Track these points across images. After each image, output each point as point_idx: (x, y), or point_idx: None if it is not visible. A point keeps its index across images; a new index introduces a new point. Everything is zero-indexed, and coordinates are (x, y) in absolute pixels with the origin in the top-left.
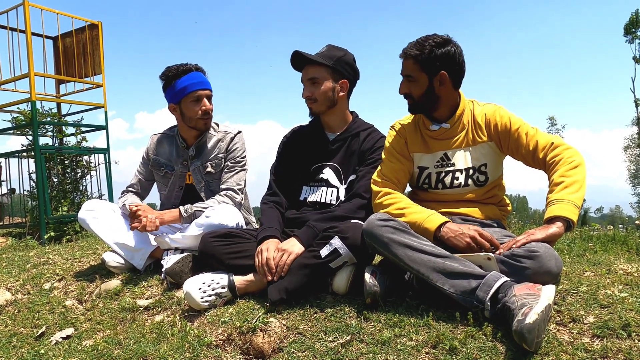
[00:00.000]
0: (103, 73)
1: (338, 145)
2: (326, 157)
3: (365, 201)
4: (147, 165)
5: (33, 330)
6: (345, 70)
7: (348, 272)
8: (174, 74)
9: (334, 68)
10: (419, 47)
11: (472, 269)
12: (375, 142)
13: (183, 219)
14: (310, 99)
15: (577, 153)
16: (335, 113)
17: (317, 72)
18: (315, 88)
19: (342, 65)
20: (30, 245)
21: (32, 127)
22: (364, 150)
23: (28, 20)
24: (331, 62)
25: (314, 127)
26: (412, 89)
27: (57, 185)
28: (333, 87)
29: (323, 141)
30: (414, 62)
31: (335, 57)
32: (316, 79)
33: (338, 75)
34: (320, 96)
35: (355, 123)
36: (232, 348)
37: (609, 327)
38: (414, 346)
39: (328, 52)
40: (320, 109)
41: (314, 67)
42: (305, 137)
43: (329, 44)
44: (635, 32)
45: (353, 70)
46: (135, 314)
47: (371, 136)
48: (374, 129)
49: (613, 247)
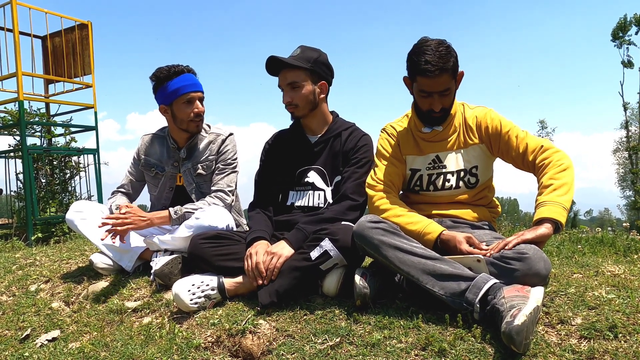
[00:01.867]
0: (93, 73)
1: (321, 147)
2: (310, 160)
3: (354, 202)
4: (137, 166)
5: (18, 332)
6: (322, 72)
7: (338, 274)
8: (165, 75)
9: (312, 70)
10: (446, 58)
11: (462, 271)
12: (357, 141)
13: (172, 221)
14: (291, 104)
15: (565, 156)
16: (316, 115)
17: (296, 76)
18: (296, 93)
19: (319, 67)
20: (17, 247)
21: (19, 127)
22: (347, 150)
23: (16, 19)
24: (309, 65)
25: (295, 130)
26: (447, 101)
27: (45, 186)
28: (313, 89)
29: (305, 144)
30: (448, 74)
31: (312, 59)
32: (296, 83)
33: (317, 77)
34: (301, 100)
35: (336, 123)
36: (221, 350)
37: (596, 328)
38: (404, 348)
39: (304, 55)
40: (303, 113)
41: (292, 71)
42: (287, 141)
43: (301, 45)
44: (623, 37)
45: (330, 70)
46: (123, 316)
47: (353, 135)
48: (355, 128)
49: (601, 249)
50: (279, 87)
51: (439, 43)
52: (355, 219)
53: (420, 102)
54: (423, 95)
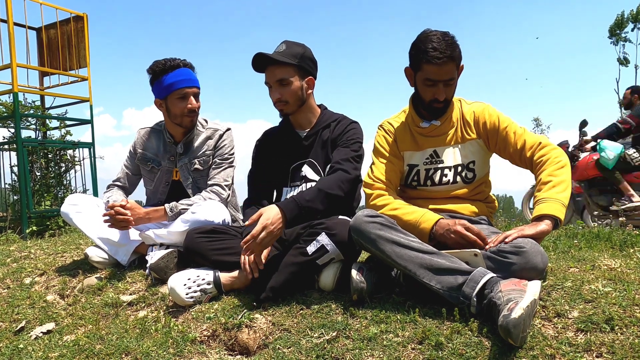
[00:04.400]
0: (88, 66)
1: (311, 140)
2: (301, 155)
3: (344, 174)
4: (133, 160)
5: (12, 324)
6: (309, 67)
7: (335, 269)
8: (161, 69)
9: (300, 66)
10: (452, 47)
11: (459, 265)
12: (345, 127)
13: (168, 218)
14: (280, 101)
15: (563, 153)
16: (305, 111)
17: (284, 72)
18: (284, 89)
19: (306, 62)
20: (11, 240)
21: (14, 119)
22: (335, 136)
23: (10, 10)
24: (296, 61)
25: (284, 127)
26: (450, 91)
27: (40, 179)
28: (301, 85)
29: (296, 140)
30: (454, 64)
31: (298, 55)
32: (285, 80)
33: (304, 73)
34: (290, 97)
35: (324, 116)
36: (217, 344)
37: (592, 321)
38: (400, 342)
39: (290, 50)
40: (292, 109)
41: (280, 67)
42: (277, 139)
43: (285, 40)
44: (620, 34)
45: (315, 65)
46: (119, 309)
47: (341, 123)
48: (344, 117)
49: (597, 244)
50: (266, 84)
51: (444, 33)
52: (346, 193)
53: (423, 92)
54: (428, 84)
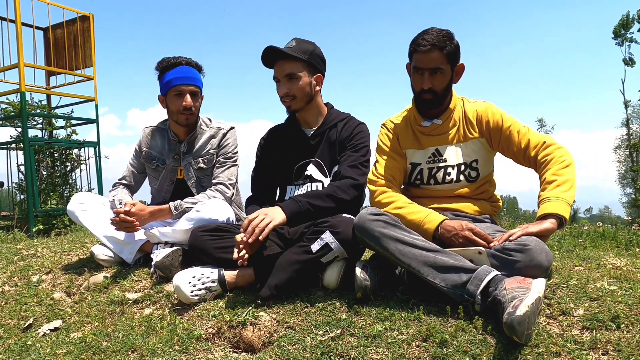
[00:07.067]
0: (94, 66)
1: (317, 140)
2: (307, 154)
3: (354, 181)
4: (139, 158)
5: (20, 322)
6: (318, 64)
7: (339, 267)
8: (164, 65)
9: (309, 62)
10: (442, 39)
11: (463, 262)
12: (353, 129)
13: (173, 216)
14: (288, 95)
15: (567, 152)
16: (312, 108)
17: (294, 67)
18: (293, 84)
19: (315, 59)
20: (18, 238)
21: (21, 119)
22: (343, 138)
23: (18, 10)
24: (306, 57)
25: (290, 125)
26: (437, 83)
27: (47, 178)
28: (310, 81)
29: (302, 138)
30: (441, 53)
31: (308, 51)
32: (294, 74)
33: (313, 70)
34: (298, 92)
35: (332, 115)
36: (222, 341)
37: (598, 319)
38: (405, 339)
39: (300, 47)
40: (300, 105)
41: (290, 62)
42: (283, 136)
43: (295, 37)
44: (625, 35)
45: (324, 63)
46: (124, 307)
47: (348, 124)
48: (351, 117)
49: (602, 243)
50: (274, 78)
51: (441, 29)
52: (354, 198)
53: (414, 82)
54: (416, 72)
